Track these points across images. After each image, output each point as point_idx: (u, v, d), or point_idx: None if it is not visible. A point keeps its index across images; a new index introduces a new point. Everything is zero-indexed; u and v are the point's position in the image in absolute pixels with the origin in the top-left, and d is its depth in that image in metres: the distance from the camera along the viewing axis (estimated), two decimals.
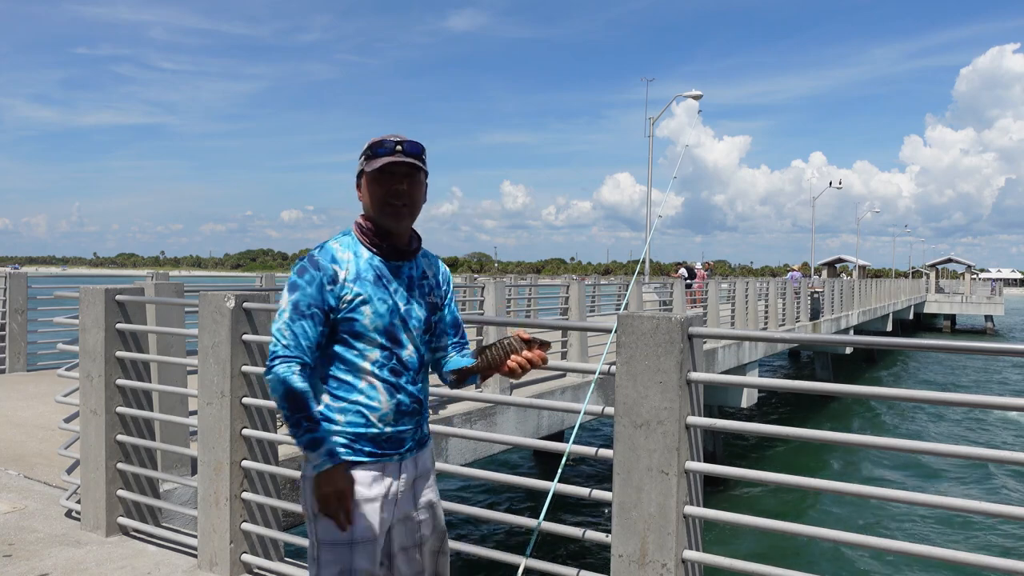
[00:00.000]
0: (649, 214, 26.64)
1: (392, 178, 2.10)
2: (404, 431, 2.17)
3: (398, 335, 2.14)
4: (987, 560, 2.25)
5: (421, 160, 2.14)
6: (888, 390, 2.64)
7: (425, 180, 2.19)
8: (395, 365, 2.15)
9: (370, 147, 2.12)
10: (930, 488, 14.14)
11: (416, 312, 2.19)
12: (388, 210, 2.10)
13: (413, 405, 2.19)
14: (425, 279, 2.25)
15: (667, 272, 35.89)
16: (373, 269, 2.13)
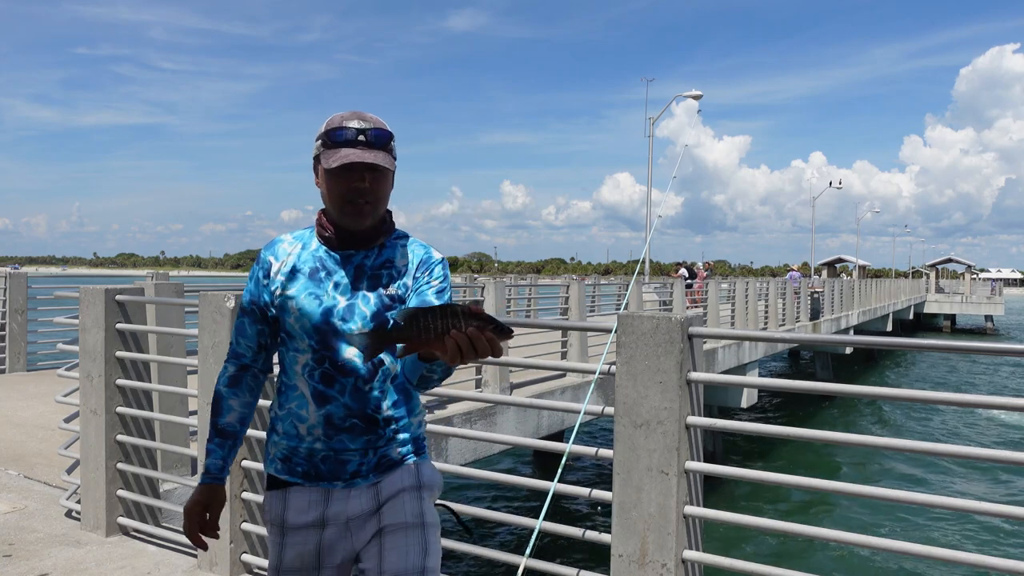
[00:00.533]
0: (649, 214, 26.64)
1: (352, 175, 1.78)
2: (344, 452, 1.81)
3: (331, 336, 1.81)
4: (987, 560, 2.25)
5: (388, 151, 1.83)
6: (888, 390, 2.64)
7: (393, 169, 1.86)
8: (327, 370, 1.81)
9: (327, 133, 1.80)
10: (931, 488, 14.14)
11: (361, 308, 1.82)
12: (348, 209, 1.80)
13: (351, 420, 1.81)
14: (386, 268, 1.87)
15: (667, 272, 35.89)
16: (314, 261, 1.86)
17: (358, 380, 1.81)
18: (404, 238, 1.94)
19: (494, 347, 1.53)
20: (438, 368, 1.71)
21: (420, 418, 1.97)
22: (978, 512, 2.32)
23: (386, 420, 1.84)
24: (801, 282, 23.48)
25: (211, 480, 1.91)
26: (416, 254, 1.91)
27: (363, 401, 1.82)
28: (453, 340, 1.50)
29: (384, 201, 1.85)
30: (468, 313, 1.53)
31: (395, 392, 1.86)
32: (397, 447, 1.87)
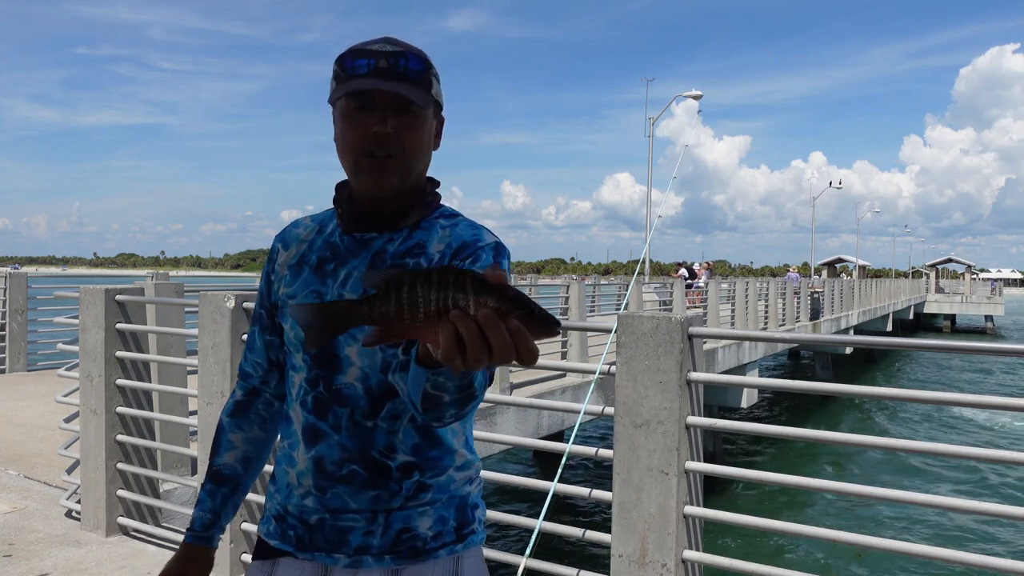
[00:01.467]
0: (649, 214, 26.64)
1: (369, 116, 1.26)
2: (344, 513, 1.28)
3: (330, 352, 1.30)
4: (987, 560, 2.25)
5: (420, 83, 1.29)
6: (888, 390, 2.64)
7: (431, 116, 1.32)
8: (320, 395, 1.30)
9: (339, 61, 1.29)
10: (930, 488, 14.14)
11: None
12: (365, 165, 1.26)
13: (349, 466, 1.28)
14: (413, 255, 1.31)
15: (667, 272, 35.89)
16: (325, 248, 1.36)
17: (355, 411, 1.29)
18: (450, 217, 1.37)
19: (521, 344, 0.87)
20: (449, 382, 1.02)
21: (469, 473, 1.36)
22: (978, 512, 2.32)
23: (403, 469, 1.29)
24: (801, 282, 23.49)
25: (192, 538, 1.43)
26: (459, 236, 1.31)
27: (365, 440, 1.28)
28: (451, 326, 0.86)
29: (417, 156, 1.30)
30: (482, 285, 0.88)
31: (416, 432, 1.30)
32: (426, 517, 1.30)
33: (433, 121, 1.34)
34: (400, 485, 1.29)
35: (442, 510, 1.32)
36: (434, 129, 1.35)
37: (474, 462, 1.39)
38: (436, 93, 1.33)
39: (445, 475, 1.32)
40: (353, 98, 1.26)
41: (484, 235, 1.33)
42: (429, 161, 1.36)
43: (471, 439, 1.41)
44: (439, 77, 1.35)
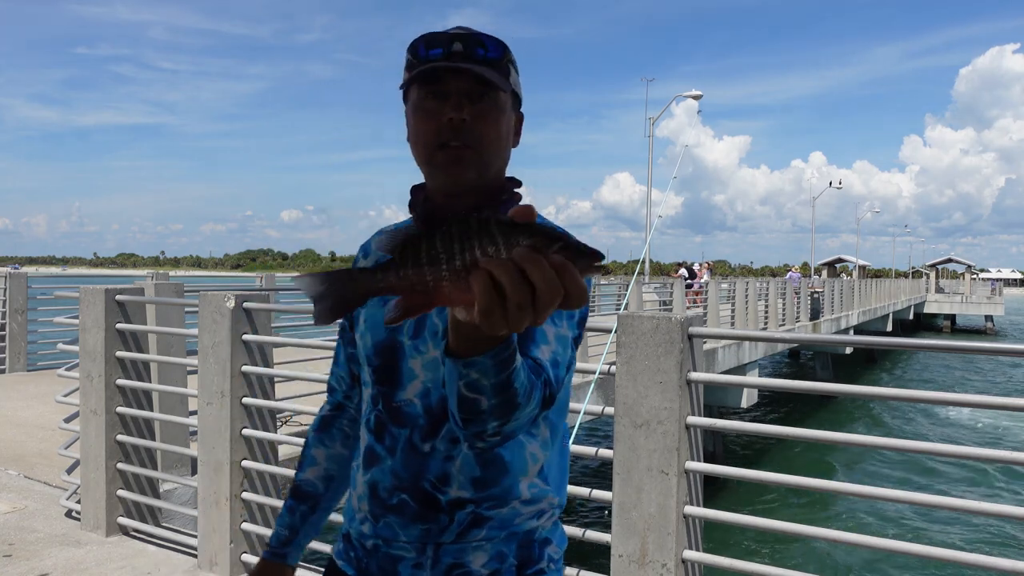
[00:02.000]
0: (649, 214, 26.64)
1: (441, 102, 1.17)
2: (395, 546, 1.20)
3: (393, 362, 1.22)
4: (987, 560, 2.25)
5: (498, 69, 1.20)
6: (888, 390, 2.65)
7: (510, 108, 1.23)
8: (380, 414, 1.23)
9: (411, 48, 1.21)
10: (930, 488, 14.14)
11: (435, 319, 1.20)
12: (439, 158, 1.17)
13: (399, 495, 1.19)
14: None
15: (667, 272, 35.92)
16: None
17: (414, 431, 1.19)
18: None
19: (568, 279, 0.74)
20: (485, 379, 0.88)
21: (539, 506, 1.22)
22: (978, 512, 2.32)
23: (454, 504, 1.18)
24: (801, 282, 23.50)
25: (268, 555, 1.39)
26: None
27: (418, 467, 1.18)
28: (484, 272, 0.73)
29: (496, 148, 1.20)
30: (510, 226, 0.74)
31: (477, 463, 1.18)
32: (480, 554, 1.18)
33: (512, 114, 1.24)
34: (451, 518, 1.17)
35: (501, 546, 1.19)
36: (514, 122, 1.25)
37: (546, 494, 1.23)
38: (515, 83, 1.24)
39: (507, 507, 1.19)
40: (425, 86, 1.17)
41: None
42: (508, 157, 1.25)
43: (552, 467, 1.25)
44: (518, 69, 1.26)
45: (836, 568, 10.32)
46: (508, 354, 0.87)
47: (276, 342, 3.66)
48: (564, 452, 1.29)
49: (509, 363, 0.88)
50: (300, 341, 4.56)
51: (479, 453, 1.18)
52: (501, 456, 1.18)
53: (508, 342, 0.86)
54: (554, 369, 1.06)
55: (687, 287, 18.59)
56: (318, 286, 0.83)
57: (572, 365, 1.17)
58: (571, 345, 1.14)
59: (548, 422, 1.23)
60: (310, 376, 4.20)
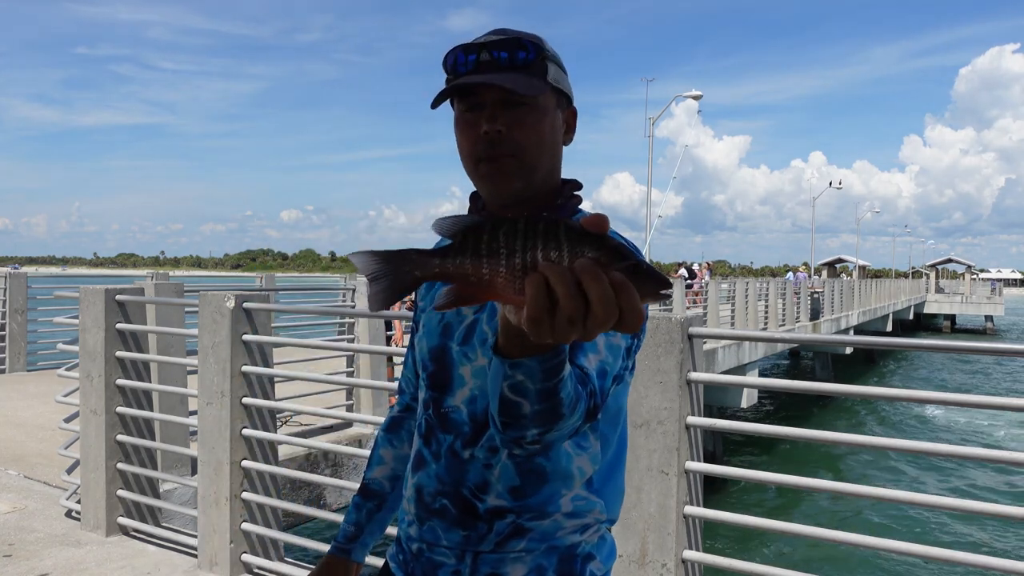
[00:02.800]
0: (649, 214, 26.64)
1: (478, 114, 1.17)
2: (437, 551, 1.20)
3: (445, 368, 1.22)
4: (987, 560, 2.25)
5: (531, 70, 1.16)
6: (888, 390, 2.64)
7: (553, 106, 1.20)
8: (430, 418, 1.24)
9: (444, 60, 1.20)
10: (930, 488, 14.14)
11: (485, 327, 1.19)
12: (483, 170, 1.18)
13: (441, 500, 1.19)
14: None
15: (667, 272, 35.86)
16: None
17: (458, 439, 1.19)
18: None
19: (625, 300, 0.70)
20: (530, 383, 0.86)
21: (583, 520, 1.20)
22: (978, 512, 2.32)
23: (492, 513, 1.16)
24: (801, 282, 23.50)
25: (334, 550, 1.42)
26: None
27: (458, 473, 1.18)
28: (540, 275, 0.70)
29: (539, 153, 1.18)
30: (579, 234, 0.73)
31: (516, 472, 1.16)
32: (519, 566, 1.16)
33: (557, 112, 1.20)
34: (490, 527, 1.16)
35: (541, 559, 1.16)
36: (560, 120, 1.22)
37: (592, 508, 1.20)
38: (555, 80, 1.19)
39: (549, 520, 1.17)
40: (461, 100, 1.18)
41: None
42: (559, 158, 1.23)
43: (602, 481, 1.22)
44: (561, 64, 1.22)
45: (836, 568, 10.31)
46: (557, 361, 0.85)
47: (276, 342, 3.67)
48: (617, 465, 1.26)
49: (557, 371, 0.85)
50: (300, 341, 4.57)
51: (518, 463, 1.16)
52: (542, 466, 1.16)
53: (559, 349, 0.83)
54: (600, 380, 1.03)
55: (687, 287, 18.59)
56: (374, 265, 0.79)
57: (626, 375, 1.15)
58: (623, 355, 1.11)
59: (598, 434, 1.20)
60: (310, 376, 4.20)
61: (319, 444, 3.69)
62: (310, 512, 3.66)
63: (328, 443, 4.70)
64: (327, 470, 5.95)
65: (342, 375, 7.04)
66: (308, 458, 5.72)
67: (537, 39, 1.19)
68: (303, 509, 3.57)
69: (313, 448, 4.13)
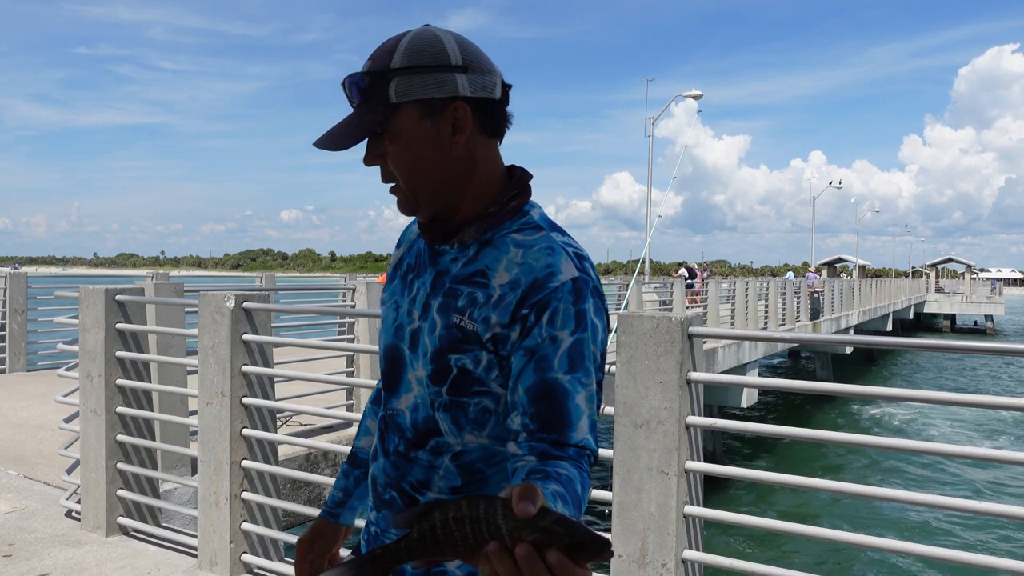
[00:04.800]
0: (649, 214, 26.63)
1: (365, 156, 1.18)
2: (388, 535, 1.26)
3: (396, 371, 1.24)
4: (987, 560, 2.25)
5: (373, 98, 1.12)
6: (888, 390, 2.64)
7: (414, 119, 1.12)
8: (385, 415, 1.27)
9: None
10: (929, 488, 14.14)
11: (425, 340, 1.17)
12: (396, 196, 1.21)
13: (391, 493, 1.23)
14: (471, 284, 1.15)
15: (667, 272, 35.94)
16: (416, 255, 1.27)
17: (402, 442, 1.22)
18: (530, 230, 1.16)
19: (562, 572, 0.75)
20: None
21: None
22: (978, 512, 2.32)
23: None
24: (801, 282, 23.52)
25: (324, 514, 1.47)
26: (531, 269, 1.10)
27: (403, 470, 1.22)
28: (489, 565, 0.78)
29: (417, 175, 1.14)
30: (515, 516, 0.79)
31: (458, 473, 1.18)
32: None
33: (427, 121, 1.12)
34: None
35: None
36: (437, 128, 1.12)
37: None
38: (403, 92, 1.11)
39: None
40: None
41: (560, 265, 1.09)
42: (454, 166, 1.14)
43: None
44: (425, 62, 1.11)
45: (836, 568, 10.32)
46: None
47: (276, 342, 3.67)
48: None
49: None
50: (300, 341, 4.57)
51: (460, 465, 1.18)
52: (483, 471, 1.18)
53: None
54: (592, 433, 1.07)
55: (687, 287, 18.59)
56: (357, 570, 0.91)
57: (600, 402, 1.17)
58: (597, 392, 1.12)
59: None
60: (310, 376, 4.20)
61: (319, 444, 3.69)
62: (310, 512, 3.65)
63: (328, 443, 4.70)
64: (327, 470, 5.95)
65: (342, 375, 7.04)
66: (308, 458, 5.72)
67: (381, 57, 1.12)
68: (303, 509, 3.57)
69: (313, 448, 4.12)
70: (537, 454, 1.05)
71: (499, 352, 1.11)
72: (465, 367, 1.13)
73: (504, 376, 1.12)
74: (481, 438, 1.17)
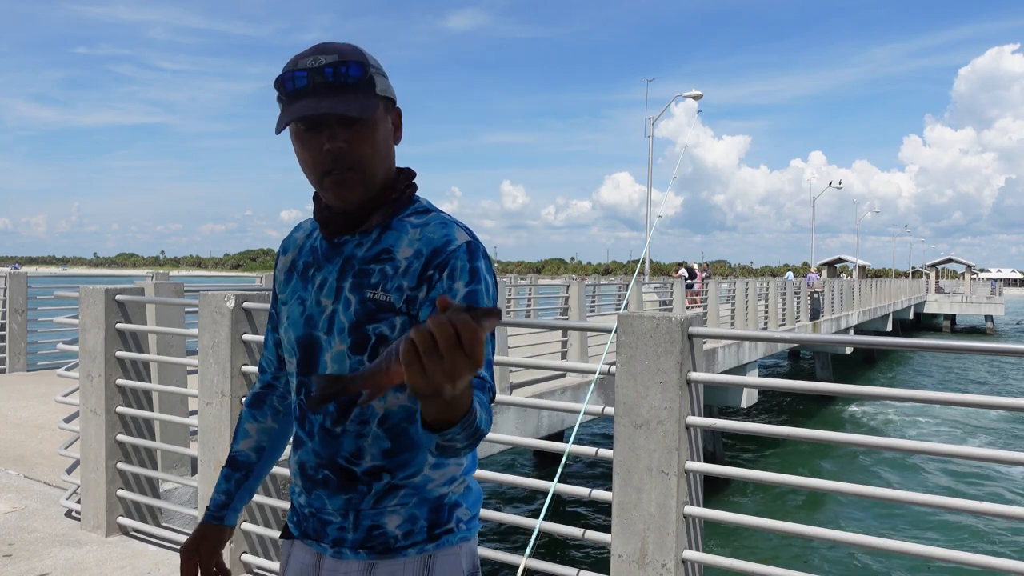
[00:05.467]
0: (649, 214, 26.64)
1: (317, 133, 1.27)
2: (325, 513, 1.35)
3: (311, 356, 1.35)
4: (987, 560, 2.25)
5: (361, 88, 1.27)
6: (888, 390, 2.64)
7: (384, 117, 1.32)
8: (301, 402, 1.38)
9: (277, 83, 1.29)
10: (929, 488, 14.14)
11: (341, 317, 1.32)
12: (328, 183, 1.28)
13: (323, 472, 1.34)
14: (379, 262, 1.31)
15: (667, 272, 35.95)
16: (310, 252, 1.42)
17: (327, 418, 1.33)
18: (423, 214, 1.36)
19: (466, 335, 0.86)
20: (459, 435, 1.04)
21: (447, 471, 1.37)
22: (978, 512, 2.32)
23: (370, 473, 1.32)
24: (801, 282, 23.52)
25: (208, 517, 1.53)
26: (428, 240, 1.30)
27: (333, 447, 1.33)
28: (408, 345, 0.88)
29: (376, 163, 1.30)
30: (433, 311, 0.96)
31: (386, 437, 1.32)
32: (394, 517, 1.33)
33: (387, 118, 1.32)
34: (369, 487, 1.33)
35: (413, 509, 1.34)
36: (390, 125, 1.34)
37: (461, 463, 1.39)
38: (383, 90, 1.31)
39: (420, 476, 1.34)
40: (300, 120, 1.26)
41: (454, 234, 1.30)
42: (392, 159, 1.36)
43: None
44: (383, 70, 1.33)
45: (837, 568, 10.32)
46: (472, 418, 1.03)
47: None
48: None
49: (473, 422, 1.04)
50: None
51: (387, 428, 1.32)
52: (407, 431, 1.33)
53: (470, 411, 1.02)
54: (488, 370, 1.23)
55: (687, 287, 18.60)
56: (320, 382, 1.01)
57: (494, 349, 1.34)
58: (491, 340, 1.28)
59: None
60: None
61: None
62: None
63: None
64: None
65: None
66: None
67: (360, 54, 1.28)
68: None
69: None
70: None
71: (411, 313, 1.29)
72: (382, 333, 1.29)
73: None
74: (402, 399, 1.31)
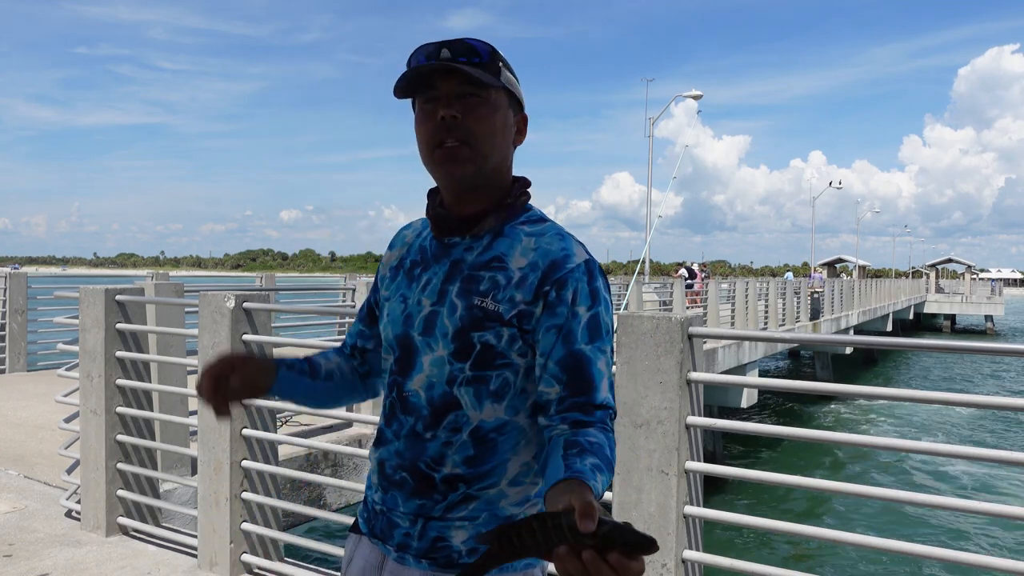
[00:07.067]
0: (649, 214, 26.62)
1: (435, 104, 1.26)
2: (395, 514, 1.32)
3: (407, 354, 1.32)
4: (987, 560, 2.25)
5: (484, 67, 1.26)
6: (888, 390, 2.64)
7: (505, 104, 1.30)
8: (393, 400, 1.34)
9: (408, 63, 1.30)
10: (929, 488, 14.14)
11: (445, 321, 1.28)
12: (437, 156, 1.26)
13: (401, 473, 1.31)
14: (490, 269, 1.28)
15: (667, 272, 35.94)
16: (418, 252, 1.38)
17: (418, 422, 1.29)
18: (536, 222, 1.33)
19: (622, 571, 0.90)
20: None
21: (524, 491, 1.32)
22: (978, 512, 2.32)
23: (447, 481, 1.28)
24: (801, 282, 23.52)
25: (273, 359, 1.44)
26: (546, 252, 1.26)
27: (417, 450, 1.29)
28: (562, 564, 0.92)
29: (490, 143, 1.27)
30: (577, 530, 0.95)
31: (472, 444, 1.28)
32: (461, 532, 1.28)
33: (509, 111, 1.31)
34: (444, 496, 1.29)
35: (481, 526, 1.28)
36: (512, 121, 1.33)
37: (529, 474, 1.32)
38: (508, 81, 1.30)
39: (495, 489, 1.29)
40: (421, 93, 1.28)
41: (573, 249, 1.27)
42: (509, 155, 1.34)
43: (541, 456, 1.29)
44: (514, 72, 1.33)
45: (837, 568, 10.31)
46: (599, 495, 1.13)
47: (276, 342, 3.67)
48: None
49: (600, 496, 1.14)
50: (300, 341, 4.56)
51: (477, 439, 1.28)
52: (495, 440, 1.29)
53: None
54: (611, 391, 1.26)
55: (687, 287, 18.59)
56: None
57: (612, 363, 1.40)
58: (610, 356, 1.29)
59: None
60: None
61: (319, 444, 3.69)
62: (310, 512, 3.66)
63: (328, 443, 4.70)
64: (327, 470, 5.95)
65: None
66: (308, 458, 5.72)
67: (490, 46, 1.28)
68: (303, 509, 3.57)
69: (313, 448, 4.13)
70: (570, 423, 1.20)
71: (522, 327, 1.26)
72: (488, 343, 1.26)
73: (526, 347, 1.27)
74: (499, 411, 1.28)
